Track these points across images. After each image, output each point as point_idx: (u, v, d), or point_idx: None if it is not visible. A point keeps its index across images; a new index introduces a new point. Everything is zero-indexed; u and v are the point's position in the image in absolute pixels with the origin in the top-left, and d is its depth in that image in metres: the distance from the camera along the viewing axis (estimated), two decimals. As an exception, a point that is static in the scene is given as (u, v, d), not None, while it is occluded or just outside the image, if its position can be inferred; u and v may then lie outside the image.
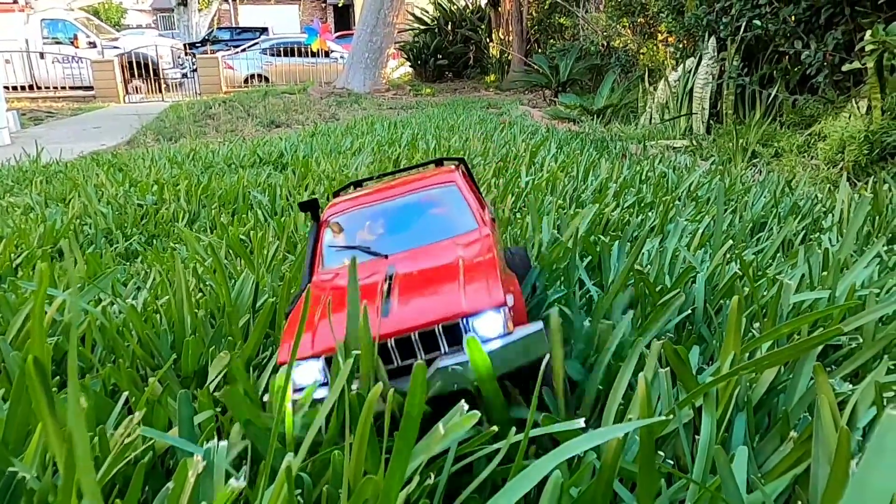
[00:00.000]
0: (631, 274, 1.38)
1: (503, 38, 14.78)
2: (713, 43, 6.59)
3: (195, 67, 15.69)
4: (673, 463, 0.93)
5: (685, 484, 0.82)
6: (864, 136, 4.66)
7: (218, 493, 0.67)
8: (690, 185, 2.97)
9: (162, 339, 1.24)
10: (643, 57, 8.88)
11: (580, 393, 1.11)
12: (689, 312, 1.36)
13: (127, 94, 14.83)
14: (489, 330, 1.06)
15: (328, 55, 16.89)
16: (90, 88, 14.73)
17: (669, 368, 1.00)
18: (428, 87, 14.31)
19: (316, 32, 15.89)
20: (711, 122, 6.70)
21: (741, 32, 6.23)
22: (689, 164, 4.35)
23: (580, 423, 0.85)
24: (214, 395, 1.06)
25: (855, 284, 1.30)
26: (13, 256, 2.00)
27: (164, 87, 15.30)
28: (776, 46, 6.12)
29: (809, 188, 3.34)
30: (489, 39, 15.21)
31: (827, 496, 0.66)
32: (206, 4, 27.87)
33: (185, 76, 16.55)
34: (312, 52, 16.20)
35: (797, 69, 6.03)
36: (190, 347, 1.12)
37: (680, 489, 0.83)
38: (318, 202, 1.49)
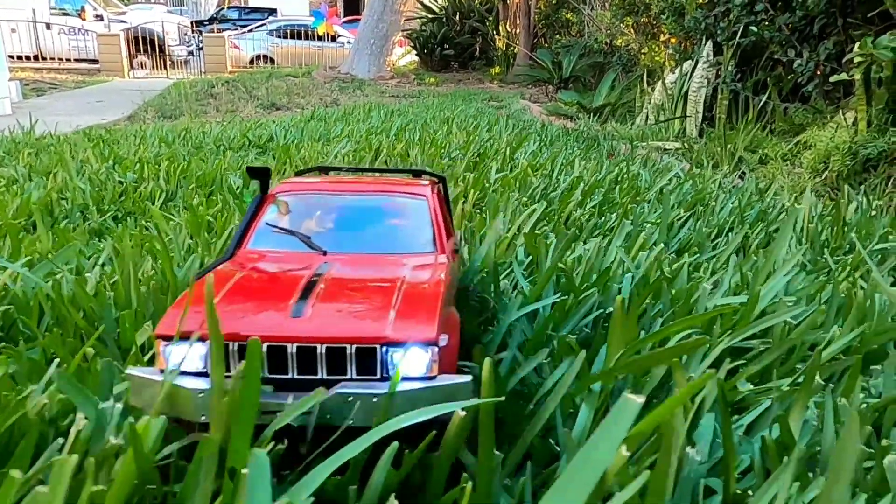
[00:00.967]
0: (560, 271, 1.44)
1: (510, 31, 14.77)
2: (710, 47, 6.62)
3: (201, 46, 15.70)
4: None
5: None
6: (848, 147, 4.71)
7: (103, 448, 0.74)
8: (661, 188, 3.03)
9: (106, 312, 1.31)
10: (644, 57, 8.90)
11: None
12: (611, 310, 1.43)
13: (132, 69, 14.85)
14: (411, 367, 0.95)
15: (335, 39, 16.89)
16: (95, 62, 14.75)
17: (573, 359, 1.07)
18: (432, 76, 14.33)
19: (323, 16, 15.88)
20: (705, 125, 6.74)
21: (738, 38, 6.26)
22: (672, 166, 4.40)
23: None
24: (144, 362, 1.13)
25: (760, 291, 1.37)
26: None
27: (169, 63, 15.32)
28: (771, 54, 6.15)
29: (787, 196, 3.40)
30: (496, 32, 15.20)
31: (653, 482, 0.73)
32: (216, -18, 27.81)
33: (190, 54, 16.57)
34: (319, 35, 16.20)
35: (790, 78, 6.06)
36: (126, 320, 1.20)
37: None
38: (269, 171, 1.37)
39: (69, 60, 15.13)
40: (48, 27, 15.21)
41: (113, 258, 1.73)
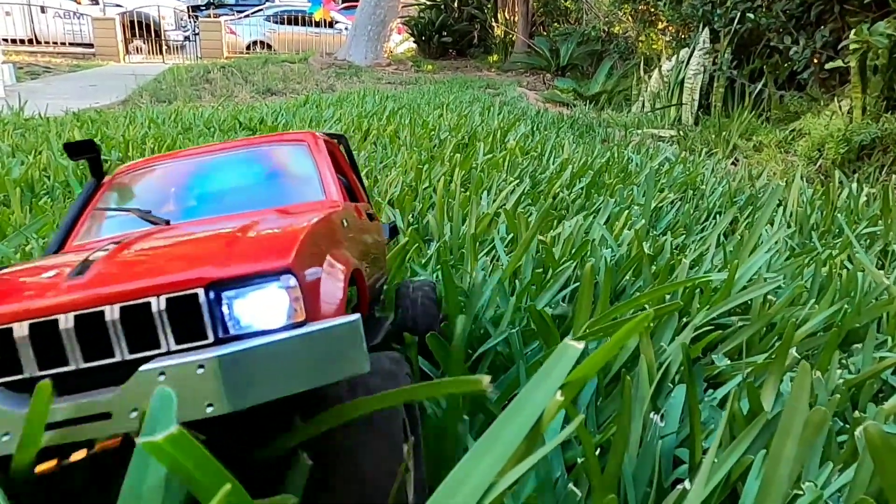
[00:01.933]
0: (539, 245, 1.43)
1: (508, 18, 14.68)
2: (707, 34, 6.58)
3: (197, 31, 15.59)
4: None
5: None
6: (842, 134, 4.69)
7: None
8: (649, 168, 3.00)
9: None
10: (641, 45, 8.85)
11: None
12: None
13: (127, 53, 14.75)
14: (260, 315, 0.64)
15: (332, 25, 16.77)
16: (90, 46, 14.64)
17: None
18: (429, 63, 14.25)
19: (320, 2, 15.77)
20: (700, 113, 6.71)
21: (735, 25, 6.22)
22: (664, 151, 4.38)
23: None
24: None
25: (737, 264, 1.35)
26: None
27: (165, 48, 15.21)
28: (768, 41, 6.12)
29: (778, 182, 3.38)
30: (494, 19, 15.10)
31: (615, 442, 0.71)
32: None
33: (187, 39, 16.46)
34: (316, 21, 16.09)
35: (786, 65, 6.03)
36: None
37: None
38: (96, 147, 1.10)
39: (64, 44, 15.01)
40: (43, 10, 15.08)
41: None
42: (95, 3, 15.97)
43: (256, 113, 4.79)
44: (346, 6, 20.07)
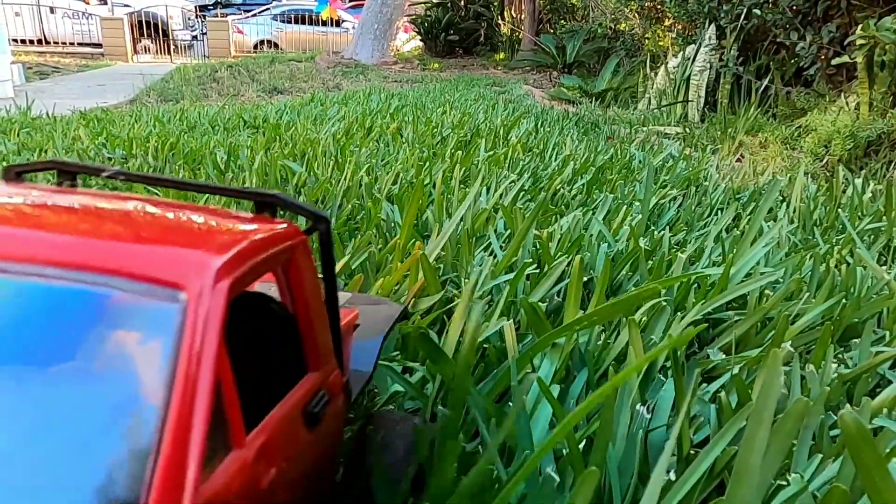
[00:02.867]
0: (535, 240, 1.43)
1: (515, 16, 14.67)
2: (713, 30, 6.55)
3: (205, 30, 15.65)
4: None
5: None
6: (849, 130, 4.66)
7: None
8: (649, 164, 3.00)
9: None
10: (648, 42, 8.82)
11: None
12: (587, 279, 1.41)
13: (136, 53, 14.82)
14: None
15: (339, 24, 16.80)
16: (99, 46, 14.72)
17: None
18: (436, 61, 14.25)
19: (326, 1, 15.79)
20: (706, 110, 6.68)
21: (741, 21, 6.19)
22: (673, 150, 4.36)
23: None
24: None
25: (732, 258, 1.35)
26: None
27: (173, 48, 15.28)
28: (774, 37, 6.08)
29: (777, 177, 3.36)
30: (501, 17, 15.09)
31: (599, 434, 0.71)
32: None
33: (194, 38, 16.53)
34: (323, 20, 16.12)
35: (793, 61, 5.99)
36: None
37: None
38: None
39: (73, 44, 15.10)
40: (52, 11, 15.18)
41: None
42: (104, 3, 16.06)
43: (261, 111, 4.81)
44: (352, 5, 20.10)
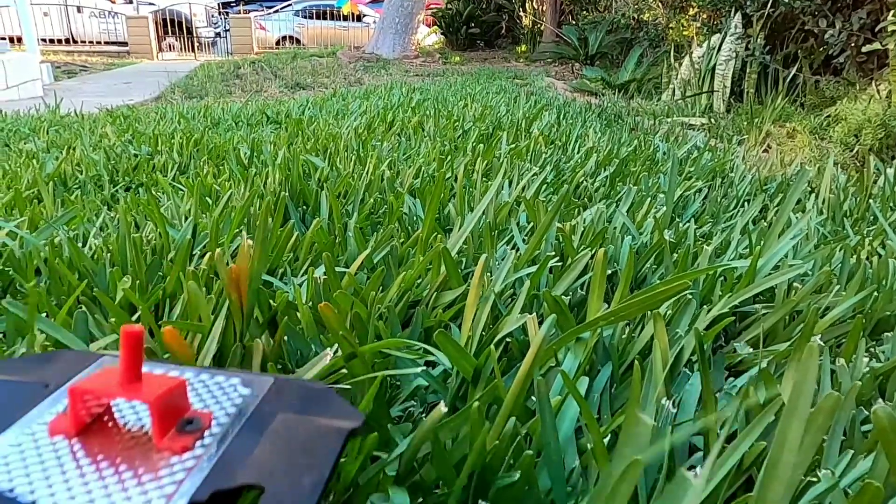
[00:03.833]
0: (557, 232, 1.42)
1: (536, 8, 14.56)
2: (739, 19, 6.43)
3: (228, 27, 15.79)
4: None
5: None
6: (880, 119, 4.56)
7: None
8: (673, 156, 2.96)
9: (100, 271, 1.32)
10: (672, 32, 8.69)
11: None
12: (610, 272, 1.40)
13: (161, 51, 15.00)
14: None
15: (360, 19, 16.84)
16: (125, 44, 14.94)
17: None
18: (457, 55, 14.22)
19: (348, -4, 15.85)
20: (732, 100, 6.57)
21: (768, 8, 6.07)
22: (698, 141, 4.30)
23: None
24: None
25: (759, 250, 1.32)
26: (1, 196, 2.10)
27: (196, 45, 15.44)
28: (802, 25, 5.96)
29: (805, 167, 3.29)
30: (522, 9, 14.99)
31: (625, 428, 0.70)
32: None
33: (218, 36, 16.69)
34: (344, 15, 16.17)
35: (822, 49, 5.87)
36: (116, 277, 1.20)
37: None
38: None
39: (100, 43, 15.34)
40: (79, 10, 15.42)
41: (107, 223, 1.74)
42: (129, 1, 16.28)
43: (283, 107, 4.84)
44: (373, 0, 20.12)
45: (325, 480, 0.46)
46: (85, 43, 15.21)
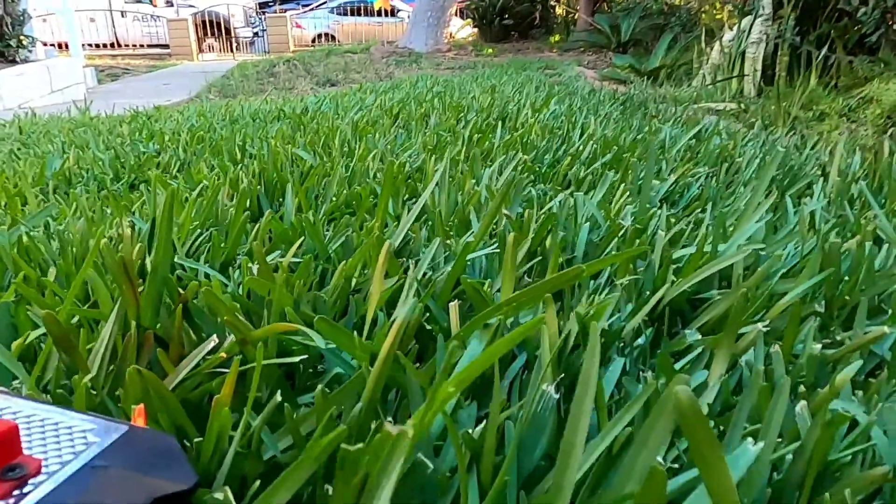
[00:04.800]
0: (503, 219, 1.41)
1: (570, -4, 14.38)
2: (769, 0, 6.22)
3: (265, 27, 16.05)
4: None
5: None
6: (914, 100, 4.35)
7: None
8: (682, 147, 2.89)
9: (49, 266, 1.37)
10: (704, 16, 8.47)
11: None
12: (568, 257, 1.38)
13: (201, 52, 15.36)
14: None
15: (394, 14, 16.91)
16: (166, 47, 15.34)
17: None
18: (490, 47, 14.15)
19: (380, -9, 15.92)
20: (763, 84, 6.36)
21: (799, -12, 5.86)
22: (723, 127, 4.19)
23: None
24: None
25: (705, 235, 1.28)
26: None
27: (235, 45, 15.75)
28: (835, 4, 5.73)
29: (808, 150, 3.17)
30: (556, -1, 14.83)
31: (491, 414, 0.70)
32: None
33: (256, 35, 16.98)
34: (377, 10, 16.26)
35: (856, 29, 5.63)
36: (63, 271, 1.25)
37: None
38: None
39: (143, 46, 15.80)
40: (123, 15, 15.90)
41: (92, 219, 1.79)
42: (170, 4, 16.70)
43: (301, 104, 4.90)
44: (408, -6, 20.16)
45: None
46: (129, 46, 15.69)
